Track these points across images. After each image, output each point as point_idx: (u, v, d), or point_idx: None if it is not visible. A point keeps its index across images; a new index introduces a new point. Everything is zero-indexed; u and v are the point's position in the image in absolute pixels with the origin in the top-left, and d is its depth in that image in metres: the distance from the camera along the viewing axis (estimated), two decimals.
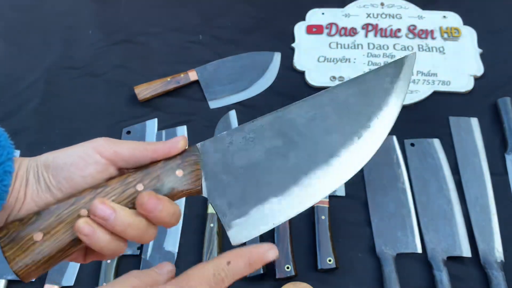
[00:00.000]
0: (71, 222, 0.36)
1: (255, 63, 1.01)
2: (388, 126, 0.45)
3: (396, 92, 0.46)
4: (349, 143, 0.44)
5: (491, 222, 0.80)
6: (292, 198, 0.42)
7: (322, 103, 0.45)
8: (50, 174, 0.38)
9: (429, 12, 1.07)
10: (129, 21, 1.10)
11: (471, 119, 0.91)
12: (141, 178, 0.39)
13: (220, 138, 0.43)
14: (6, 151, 0.37)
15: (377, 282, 0.76)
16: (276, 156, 0.42)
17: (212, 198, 0.41)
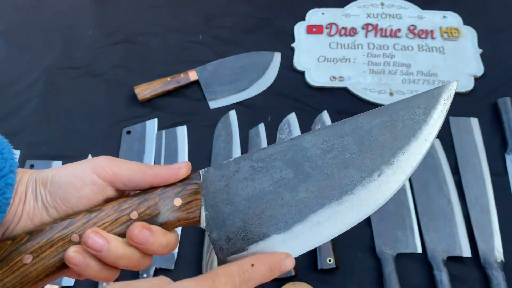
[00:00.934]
0: (62, 246, 0.35)
1: (255, 63, 1.01)
2: (415, 164, 0.40)
3: (428, 125, 0.41)
4: (367, 180, 0.39)
5: (491, 222, 0.80)
6: (296, 237, 0.39)
7: (343, 133, 0.40)
8: (47, 191, 0.38)
9: (429, 12, 1.07)
10: (129, 21, 1.10)
11: (471, 119, 0.91)
12: (136, 205, 0.37)
13: (226, 165, 0.40)
14: (9, 163, 0.36)
15: (377, 282, 0.76)
16: (285, 189, 0.39)
17: (210, 230, 0.39)
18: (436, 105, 0.42)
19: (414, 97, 0.42)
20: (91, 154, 0.90)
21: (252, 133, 0.92)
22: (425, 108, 0.41)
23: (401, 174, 0.39)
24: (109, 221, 0.36)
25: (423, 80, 0.97)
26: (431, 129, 0.41)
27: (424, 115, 0.41)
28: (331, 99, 0.96)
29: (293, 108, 0.95)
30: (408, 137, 0.40)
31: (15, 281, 0.34)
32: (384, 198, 0.39)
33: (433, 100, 0.42)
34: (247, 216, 0.38)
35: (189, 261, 0.79)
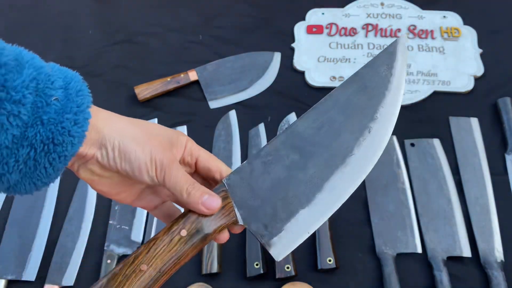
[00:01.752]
0: (136, 276, 0.41)
1: (255, 63, 1.01)
2: (395, 112, 0.46)
3: (395, 76, 0.46)
4: (361, 139, 0.45)
5: (491, 222, 0.80)
6: (319, 205, 0.44)
7: (326, 109, 0.46)
8: (118, 157, 0.41)
9: (429, 12, 1.07)
10: (129, 21, 1.10)
11: (471, 119, 0.91)
12: (182, 224, 0.43)
13: (242, 168, 0.45)
14: (87, 99, 0.40)
15: (377, 282, 0.76)
16: (296, 170, 0.45)
17: (248, 224, 0.44)
18: (395, 57, 0.46)
19: (374, 59, 0.47)
20: None
21: (252, 133, 0.92)
22: (387, 64, 0.46)
23: (388, 124, 0.46)
24: (166, 244, 0.42)
25: (423, 80, 0.97)
26: (399, 79, 0.46)
27: (388, 70, 0.46)
28: None
29: (293, 108, 0.95)
30: (382, 92, 0.46)
31: None
32: (380, 149, 0.45)
33: (391, 54, 0.47)
34: (274, 203, 0.44)
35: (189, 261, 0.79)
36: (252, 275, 0.76)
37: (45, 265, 0.79)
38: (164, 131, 0.45)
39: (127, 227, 0.82)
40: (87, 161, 0.42)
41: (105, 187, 0.44)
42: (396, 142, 0.89)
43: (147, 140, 0.42)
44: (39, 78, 0.36)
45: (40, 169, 0.37)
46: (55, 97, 0.37)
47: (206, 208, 0.43)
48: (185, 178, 0.43)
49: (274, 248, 0.44)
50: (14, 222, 0.83)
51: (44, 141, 0.36)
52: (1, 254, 0.80)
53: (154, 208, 0.48)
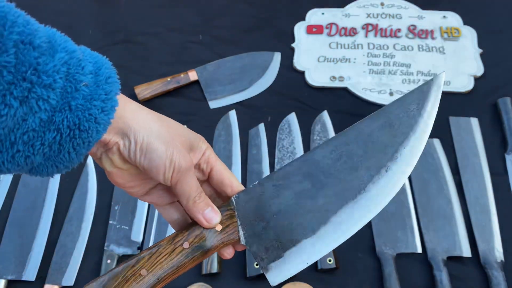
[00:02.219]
0: (136, 279, 0.42)
1: (255, 63, 1.01)
2: (417, 154, 0.45)
3: (423, 118, 0.45)
4: (376, 177, 0.44)
5: (491, 222, 0.80)
6: (323, 238, 0.44)
7: (347, 141, 0.45)
8: (139, 152, 0.41)
9: (429, 12, 1.07)
10: (129, 21, 1.10)
11: (471, 119, 0.91)
12: (186, 236, 0.43)
13: (252, 189, 0.45)
14: (115, 87, 0.40)
15: (377, 282, 0.76)
16: (306, 199, 0.44)
17: (249, 245, 0.44)
18: (427, 98, 0.45)
19: (406, 95, 0.46)
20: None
21: (252, 133, 0.92)
22: (417, 103, 0.45)
23: (406, 166, 0.44)
24: (168, 253, 0.43)
25: (423, 80, 0.97)
26: (427, 120, 0.45)
27: (418, 110, 0.45)
28: (331, 99, 0.96)
29: (293, 108, 0.95)
30: (407, 132, 0.44)
31: None
32: (395, 190, 0.44)
33: (424, 94, 0.45)
34: (278, 228, 0.44)
35: None
36: (252, 275, 0.76)
37: (45, 265, 0.79)
38: (187, 133, 0.45)
39: (127, 227, 0.82)
40: (109, 149, 0.41)
41: (122, 179, 0.44)
42: None
43: (171, 140, 0.42)
44: (70, 63, 0.36)
45: (64, 153, 0.38)
46: (84, 83, 0.37)
47: (206, 220, 0.44)
48: (195, 186, 0.44)
49: (271, 273, 0.44)
50: (14, 222, 0.83)
51: (71, 127, 0.36)
52: (1, 254, 0.80)
53: (163, 205, 0.48)
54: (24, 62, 0.33)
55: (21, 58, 0.33)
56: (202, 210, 0.44)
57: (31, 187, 0.87)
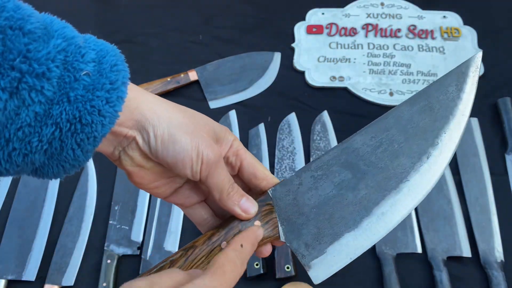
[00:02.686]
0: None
1: (255, 63, 1.01)
2: (457, 140, 0.43)
3: (462, 100, 0.44)
4: (418, 164, 0.42)
5: (491, 222, 0.80)
6: (366, 230, 0.42)
7: (387, 127, 0.44)
8: (161, 145, 0.38)
9: (429, 12, 1.07)
10: (129, 21, 1.10)
11: (471, 119, 0.91)
12: (224, 236, 0.41)
13: (289, 180, 0.43)
14: (122, 75, 0.36)
15: (377, 282, 0.76)
16: (346, 190, 0.42)
17: (289, 241, 0.42)
18: (466, 79, 0.44)
19: (445, 77, 0.44)
20: None
21: (252, 133, 0.92)
22: (456, 85, 0.44)
23: (447, 152, 0.43)
24: (205, 255, 0.40)
25: (423, 80, 0.97)
26: (466, 103, 0.44)
27: (457, 92, 0.44)
28: (331, 99, 0.96)
29: (293, 108, 0.95)
30: (447, 116, 0.43)
31: None
32: (436, 177, 0.43)
33: (463, 75, 0.44)
34: (319, 222, 0.42)
35: None
36: (252, 275, 0.76)
37: (45, 265, 0.79)
38: (211, 123, 0.42)
39: (127, 227, 0.82)
40: (127, 146, 0.38)
41: (144, 180, 0.41)
42: None
43: (195, 130, 0.39)
44: (68, 50, 0.33)
45: (67, 151, 0.34)
46: (85, 72, 0.34)
47: (243, 211, 0.41)
48: (227, 178, 0.41)
49: (314, 270, 0.42)
50: (14, 222, 0.83)
51: (71, 120, 0.33)
52: (1, 254, 0.80)
53: (190, 205, 0.45)
54: (12, 49, 0.30)
55: (9, 45, 0.30)
56: (237, 201, 0.41)
57: (31, 187, 0.87)
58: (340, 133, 0.89)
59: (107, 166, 0.89)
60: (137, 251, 0.80)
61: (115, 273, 0.78)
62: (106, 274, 0.77)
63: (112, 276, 0.77)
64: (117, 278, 0.78)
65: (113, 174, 0.88)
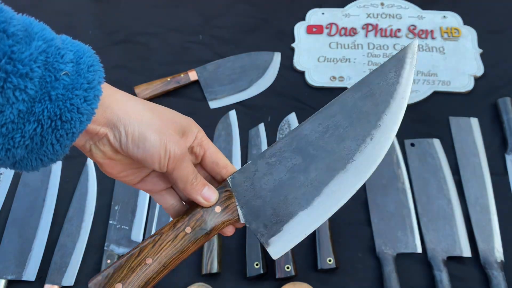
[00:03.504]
0: (141, 269, 0.43)
1: (255, 63, 1.01)
2: (398, 121, 0.47)
3: (401, 84, 0.47)
4: (362, 146, 0.46)
5: (491, 222, 0.80)
6: (318, 208, 0.46)
7: (332, 113, 0.47)
8: (131, 143, 0.41)
9: (429, 12, 1.07)
10: (129, 21, 1.10)
11: (471, 119, 0.91)
12: (187, 221, 0.45)
13: (246, 168, 0.47)
14: (98, 75, 0.39)
15: (377, 282, 0.76)
16: (298, 173, 0.46)
17: (248, 222, 0.46)
18: (403, 65, 0.47)
19: (384, 64, 0.48)
20: None
21: (252, 133, 0.92)
22: (395, 71, 0.47)
23: (389, 133, 0.47)
24: (171, 239, 0.44)
25: (423, 80, 0.97)
26: (405, 87, 0.47)
27: (396, 77, 0.47)
28: (331, 99, 0.96)
29: (293, 108, 0.95)
30: (387, 100, 0.47)
31: None
32: (380, 156, 0.46)
33: (400, 61, 0.47)
34: (275, 204, 0.46)
35: (189, 261, 0.79)
36: (252, 275, 0.76)
37: (45, 265, 0.79)
38: (178, 118, 0.45)
39: (127, 227, 0.82)
40: (98, 141, 0.41)
41: (114, 170, 0.44)
42: (396, 142, 0.89)
43: (163, 128, 0.42)
44: (48, 51, 0.35)
45: (47, 145, 0.37)
46: (64, 72, 0.36)
47: (204, 199, 0.45)
48: (191, 170, 0.44)
49: (272, 247, 0.46)
50: (14, 222, 0.83)
51: (52, 118, 0.35)
52: (1, 254, 0.80)
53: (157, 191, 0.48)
54: None
55: None
56: (200, 190, 0.45)
57: (31, 187, 0.87)
58: None
59: None
60: None
61: None
62: None
63: None
64: None
65: None
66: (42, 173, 0.88)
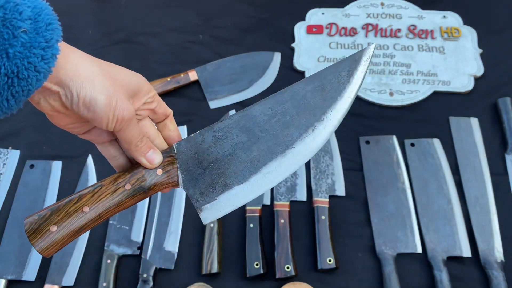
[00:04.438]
0: (77, 215, 0.45)
1: (255, 63, 1.01)
2: (341, 117, 0.50)
3: (351, 84, 0.50)
4: (304, 135, 0.49)
5: (491, 222, 0.80)
6: (253, 185, 0.49)
7: (283, 100, 0.50)
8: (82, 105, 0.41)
9: (429, 12, 1.07)
10: (129, 21, 1.10)
11: (471, 119, 0.91)
12: (128, 178, 0.47)
13: (193, 137, 0.50)
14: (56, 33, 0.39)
15: (377, 282, 0.76)
16: (241, 150, 0.49)
17: (186, 188, 0.49)
18: (357, 67, 0.50)
19: (339, 62, 0.50)
20: (91, 154, 0.90)
21: None
22: (348, 70, 0.50)
23: (330, 127, 0.49)
24: (110, 192, 0.46)
25: (423, 80, 0.97)
26: (354, 87, 0.50)
27: (348, 77, 0.50)
28: None
29: None
30: (335, 97, 0.50)
31: (45, 243, 0.44)
32: (318, 147, 0.50)
33: (355, 62, 0.50)
34: (214, 175, 0.49)
35: (189, 261, 0.79)
36: (252, 275, 0.76)
37: (45, 265, 0.79)
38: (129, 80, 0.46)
39: (127, 227, 0.82)
40: (48, 96, 0.41)
41: (62, 122, 0.45)
42: (396, 142, 0.89)
43: (114, 93, 0.43)
44: (6, 7, 0.34)
45: (2, 101, 0.37)
46: (23, 29, 0.35)
47: (148, 161, 0.47)
48: (137, 132, 0.46)
49: (204, 213, 0.49)
50: (14, 222, 0.83)
51: (9, 75, 0.36)
52: (1, 254, 0.80)
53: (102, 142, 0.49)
54: None
55: None
56: (144, 152, 0.47)
57: (31, 187, 0.87)
58: (340, 133, 0.89)
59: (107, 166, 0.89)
60: (137, 251, 0.80)
61: (115, 273, 0.78)
62: (106, 274, 0.77)
63: (112, 276, 0.77)
64: (117, 278, 0.78)
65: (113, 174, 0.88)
66: (42, 173, 0.88)
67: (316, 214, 0.80)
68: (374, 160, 0.87)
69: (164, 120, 0.50)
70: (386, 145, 0.89)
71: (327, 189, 0.84)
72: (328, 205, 0.81)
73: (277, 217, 0.80)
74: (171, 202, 0.84)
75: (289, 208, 0.81)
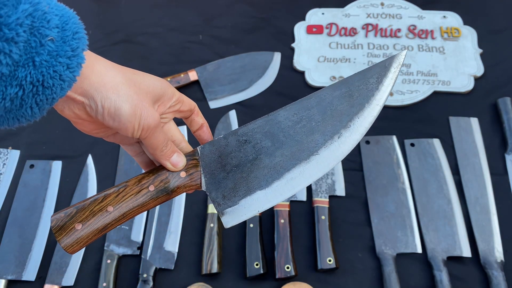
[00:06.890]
0: (101, 214, 0.45)
1: (255, 63, 1.01)
2: (368, 125, 0.49)
3: (380, 91, 0.49)
4: (329, 142, 0.49)
5: (491, 222, 0.80)
6: (275, 191, 0.49)
7: (309, 106, 0.50)
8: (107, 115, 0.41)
9: (429, 12, 1.07)
10: (129, 21, 1.10)
11: (471, 119, 0.91)
12: (152, 180, 0.47)
13: (217, 141, 0.50)
14: (82, 42, 0.38)
15: (377, 282, 0.76)
16: (265, 155, 0.49)
17: (209, 191, 0.49)
18: (387, 73, 0.49)
19: (368, 68, 0.49)
20: (91, 154, 0.90)
21: None
22: (377, 77, 0.49)
23: (357, 135, 0.49)
24: (134, 193, 0.47)
25: (423, 80, 0.97)
26: (382, 94, 0.49)
27: (376, 84, 0.49)
28: None
29: None
30: (363, 104, 0.49)
31: (70, 240, 0.45)
32: (343, 155, 0.49)
33: (385, 69, 0.49)
34: (237, 179, 0.49)
35: (189, 261, 0.79)
36: (252, 275, 0.76)
37: (45, 265, 0.79)
38: (154, 86, 0.46)
39: (127, 227, 0.82)
40: (73, 105, 0.41)
41: (86, 128, 0.45)
42: (396, 142, 0.89)
43: (139, 102, 0.43)
44: (35, 15, 0.34)
45: (26, 108, 0.37)
46: (50, 37, 0.36)
47: (173, 165, 0.47)
48: (162, 139, 0.46)
49: (226, 217, 0.49)
50: (14, 222, 0.83)
51: (34, 83, 0.36)
52: (1, 254, 0.80)
53: (128, 144, 0.50)
54: None
55: None
56: (169, 157, 0.47)
57: (31, 187, 0.87)
58: None
59: (107, 166, 0.89)
60: (137, 251, 0.80)
61: (115, 273, 0.78)
62: (106, 274, 0.77)
63: (112, 276, 0.77)
64: (117, 278, 0.78)
65: (113, 174, 0.88)
66: (42, 173, 0.88)
67: (316, 214, 0.80)
68: (374, 160, 0.87)
69: (190, 116, 0.51)
70: (386, 145, 0.89)
71: (327, 189, 0.84)
72: (328, 205, 0.81)
73: (277, 217, 0.80)
74: (171, 202, 0.84)
75: (289, 208, 0.81)
